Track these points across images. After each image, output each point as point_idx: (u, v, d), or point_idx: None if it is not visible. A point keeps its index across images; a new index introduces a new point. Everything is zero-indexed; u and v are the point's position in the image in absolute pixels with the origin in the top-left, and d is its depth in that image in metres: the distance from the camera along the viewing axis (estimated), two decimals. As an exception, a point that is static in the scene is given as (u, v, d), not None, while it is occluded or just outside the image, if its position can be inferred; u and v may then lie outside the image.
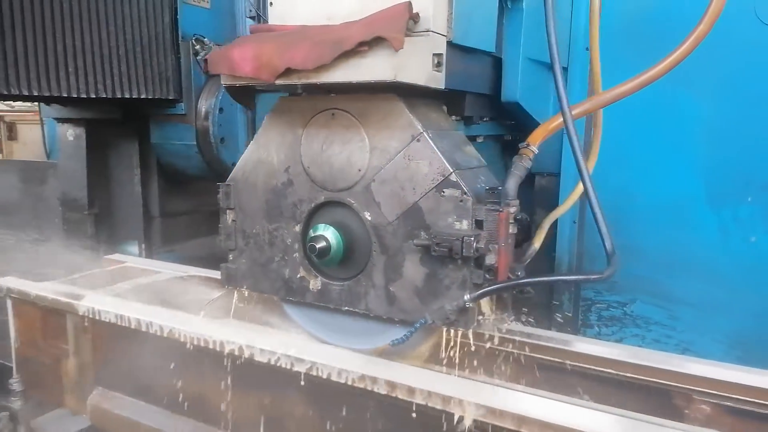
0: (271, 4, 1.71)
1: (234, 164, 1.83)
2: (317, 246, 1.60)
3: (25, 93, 2.47)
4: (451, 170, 1.48)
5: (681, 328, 2.25)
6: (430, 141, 1.51)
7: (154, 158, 3.55)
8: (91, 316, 2.09)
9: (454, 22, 1.56)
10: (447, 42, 1.55)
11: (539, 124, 1.86)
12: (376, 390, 1.56)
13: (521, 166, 1.59)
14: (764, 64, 2.03)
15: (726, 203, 2.12)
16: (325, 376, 1.64)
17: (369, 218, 1.61)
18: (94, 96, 2.64)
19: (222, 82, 1.61)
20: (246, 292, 1.90)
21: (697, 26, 1.58)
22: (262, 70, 1.49)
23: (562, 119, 1.58)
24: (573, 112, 1.59)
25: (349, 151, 1.62)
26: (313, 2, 1.61)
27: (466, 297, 1.48)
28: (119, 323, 2.01)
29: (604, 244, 1.49)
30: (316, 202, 1.69)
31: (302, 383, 1.68)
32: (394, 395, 1.53)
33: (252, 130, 3.11)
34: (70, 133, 3.74)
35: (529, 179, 2.48)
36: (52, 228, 3.93)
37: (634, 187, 2.28)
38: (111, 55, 2.71)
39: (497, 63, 1.96)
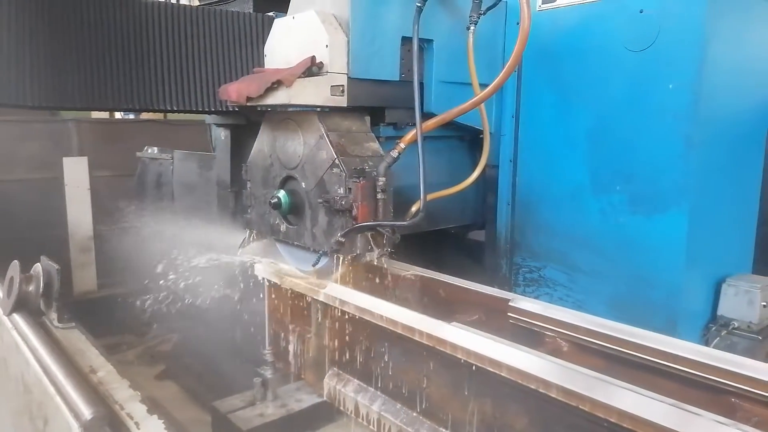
0: (265, 55, 2.82)
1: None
2: (272, 201, 2.66)
3: (174, 108, 3.94)
4: (336, 157, 2.43)
5: (577, 289, 2.81)
6: (328, 139, 2.47)
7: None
8: (329, 304, 2.32)
9: (351, 63, 2.49)
10: (348, 77, 2.50)
11: (461, 126, 2.70)
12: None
13: (390, 156, 2.46)
14: (628, 84, 2.55)
15: (603, 191, 2.66)
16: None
17: (304, 186, 2.62)
18: (215, 110, 4.03)
19: (228, 104, 2.75)
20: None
21: (509, 59, 2.30)
22: (239, 97, 2.59)
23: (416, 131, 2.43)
24: (425, 124, 2.42)
25: (294, 145, 2.64)
26: (280, 55, 2.67)
27: (339, 234, 2.42)
28: (344, 310, 2.21)
29: (421, 205, 2.29)
30: (282, 176, 2.75)
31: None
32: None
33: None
34: (222, 134, 5.30)
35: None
36: (213, 201, 5.56)
37: (546, 177, 2.90)
38: (225, 81, 4.08)
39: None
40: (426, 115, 2.87)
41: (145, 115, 8.33)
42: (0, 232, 6.11)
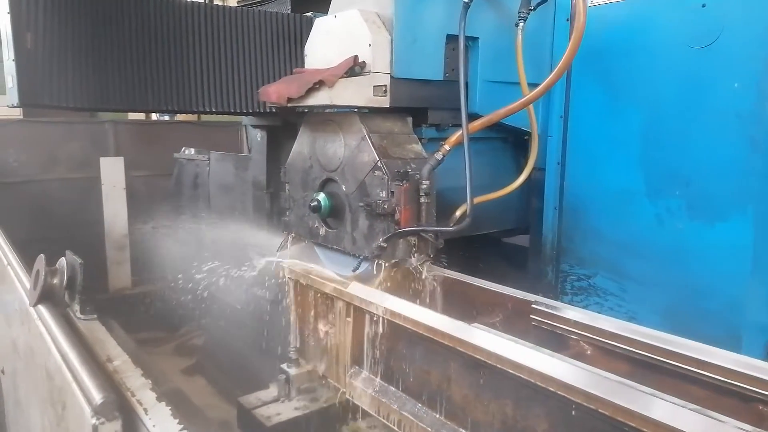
0: (306, 55, 2.76)
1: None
2: (312, 204, 2.61)
3: (213, 109, 3.93)
4: (378, 159, 2.35)
5: (629, 299, 2.68)
6: (369, 140, 2.40)
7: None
8: (351, 303, 2.31)
9: (395, 63, 2.42)
10: (390, 77, 2.42)
11: (506, 128, 2.60)
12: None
13: (434, 158, 2.37)
14: (688, 83, 2.41)
15: (659, 196, 2.52)
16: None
17: (344, 189, 2.55)
18: (254, 111, 4.01)
19: (267, 105, 2.70)
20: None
21: (562, 58, 2.19)
22: (279, 99, 2.54)
23: (461, 132, 2.34)
24: (471, 125, 2.33)
25: (335, 146, 2.58)
26: (321, 55, 2.61)
27: (381, 239, 2.34)
28: (368, 309, 2.21)
29: (467, 209, 2.20)
30: (322, 178, 2.68)
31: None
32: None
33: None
34: (259, 135, 5.29)
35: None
36: (249, 202, 5.55)
37: (596, 180, 2.77)
38: (263, 82, 4.05)
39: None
40: (470, 116, 2.79)
41: (179, 117, 8.54)
42: (40, 229, 6.40)
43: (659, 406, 1.31)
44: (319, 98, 2.34)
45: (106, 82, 3.31)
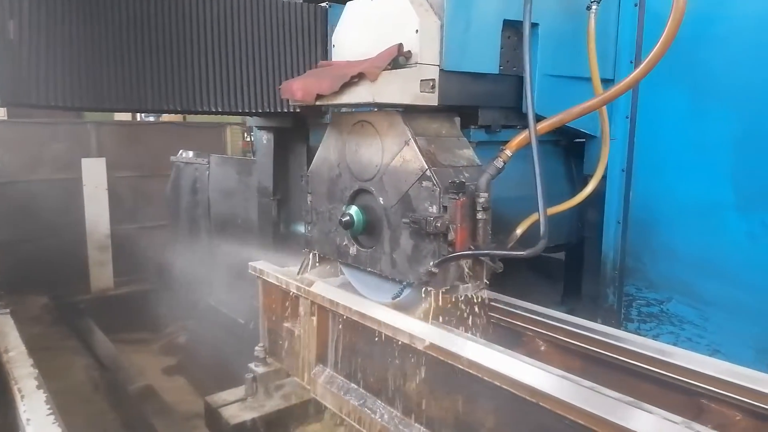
0: (333, 46, 2.37)
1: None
2: (343, 220, 2.21)
3: (219, 109, 3.53)
4: (427, 167, 1.96)
5: (711, 329, 2.30)
6: (415, 145, 2.01)
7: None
8: (315, 302, 2.37)
9: (445, 53, 2.03)
10: (440, 69, 2.04)
11: (560, 129, 2.23)
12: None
13: (494, 166, 1.99)
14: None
15: (753, 210, 2.14)
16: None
17: (382, 202, 2.17)
18: (262, 110, 3.61)
19: (290, 103, 2.31)
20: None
21: (652, 49, 1.81)
22: (306, 96, 2.15)
23: (528, 133, 1.96)
24: (539, 126, 1.94)
25: (370, 152, 2.19)
26: (353, 45, 2.22)
27: (432, 263, 1.95)
28: (331, 308, 2.28)
29: (541, 227, 1.82)
30: (353, 189, 2.30)
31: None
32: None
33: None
34: (265, 137, 4.89)
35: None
36: (254, 209, 5.15)
37: (671, 191, 2.39)
38: (276, 80, 3.65)
39: (518, 80, 2.33)
40: (525, 117, 2.41)
41: (164, 117, 8.59)
42: (23, 230, 6.39)
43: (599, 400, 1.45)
44: (357, 95, 1.95)
45: (100, 79, 2.94)
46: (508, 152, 2.01)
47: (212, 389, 2.81)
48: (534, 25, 2.25)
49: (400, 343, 2.02)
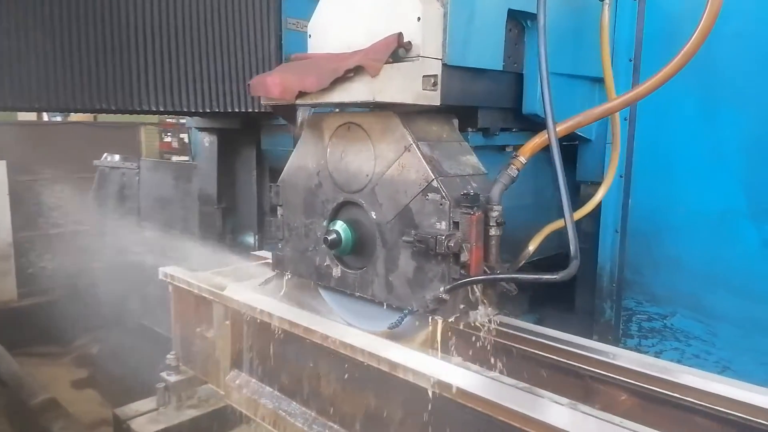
0: (309, 36, 2.05)
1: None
2: (329, 238, 1.91)
3: (160, 109, 3.10)
4: (434, 177, 1.69)
5: (720, 345, 2.17)
6: (418, 151, 1.73)
7: (266, 162, 4.10)
8: (229, 305, 2.25)
9: (449, 46, 1.77)
10: (442, 64, 1.77)
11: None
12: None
13: (507, 174, 1.75)
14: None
15: (768, 218, 2.03)
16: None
17: (374, 217, 1.88)
18: (221, 110, 3.22)
19: (262, 102, 1.98)
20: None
21: (684, 45, 1.62)
22: (285, 93, 1.83)
23: (543, 136, 1.73)
24: (558, 128, 1.71)
25: (360, 159, 1.90)
26: (337, 35, 1.92)
27: (442, 289, 1.68)
28: (248, 314, 2.15)
29: (570, 246, 1.59)
30: (337, 201, 1.99)
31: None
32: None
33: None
34: (207, 140, 4.45)
35: (575, 187, 2.56)
36: (194, 219, 4.69)
37: (676, 198, 2.24)
38: (231, 77, 3.27)
39: (518, 78, 2.11)
40: (525, 119, 2.19)
41: (73, 117, 8.10)
42: None
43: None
44: (352, 92, 1.65)
45: (26, 77, 2.49)
46: (522, 159, 1.77)
47: (125, 401, 2.62)
48: (533, 17, 2.03)
49: (309, 342, 1.92)
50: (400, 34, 1.68)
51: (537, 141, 1.77)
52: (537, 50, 1.99)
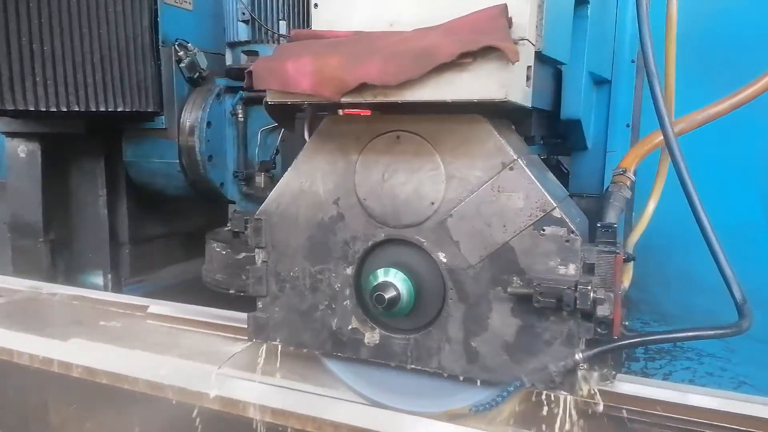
0: (315, 5, 1.42)
1: (223, 184, 1.53)
2: (386, 296, 1.33)
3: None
4: (555, 205, 1.25)
5: (737, 360, 2.10)
6: (527, 170, 1.27)
7: (124, 177, 3.14)
8: None
9: (545, 27, 1.33)
10: (536, 52, 1.33)
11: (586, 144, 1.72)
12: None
13: (621, 196, 1.39)
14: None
15: (789, 228, 1.99)
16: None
17: (444, 260, 1.35)
18: (65, 109, 2.26)
19: (268, 99, 1.31)
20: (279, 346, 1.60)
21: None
22: (324, 86, 1.20)
23: (657, 140, 1.40)
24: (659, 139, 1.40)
25: (419, 181, 1.35)
26: (374, 7, 1.34)
27: (579, 356, 1.24)
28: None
29: (732, 291, 1.28)
30: (375, 240, 1.41)
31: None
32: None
33: (243, 145, 2.77)
34: (22, 149, 3.29)
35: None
36: (4, 257, 3.44)
37: (687, 210, 2.11)
38: (84, 63, 2.33)
39: (558, 76, 1.75)
40: (567, 124, 1.85)
41: None
42: None
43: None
44: (466, 87, 1.12)
45: None
46: (631, 174, 1.42)
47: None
48: (584, 4, 1.70)
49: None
50: (504, 6, 1.19)
51: (640, 150, 1.44)
52: (581, 44, 1.67)
